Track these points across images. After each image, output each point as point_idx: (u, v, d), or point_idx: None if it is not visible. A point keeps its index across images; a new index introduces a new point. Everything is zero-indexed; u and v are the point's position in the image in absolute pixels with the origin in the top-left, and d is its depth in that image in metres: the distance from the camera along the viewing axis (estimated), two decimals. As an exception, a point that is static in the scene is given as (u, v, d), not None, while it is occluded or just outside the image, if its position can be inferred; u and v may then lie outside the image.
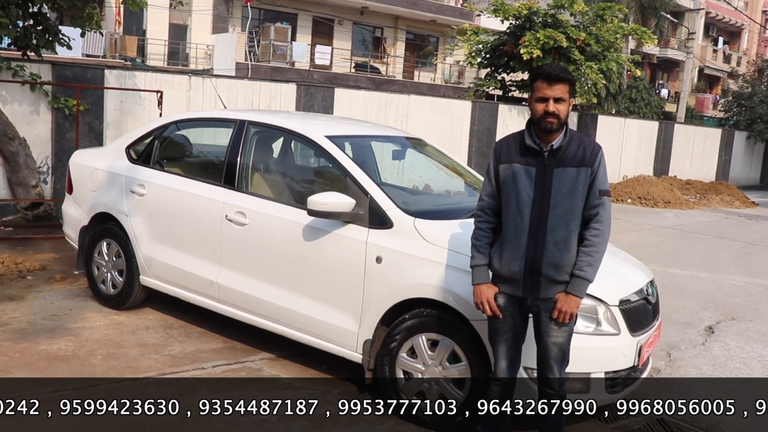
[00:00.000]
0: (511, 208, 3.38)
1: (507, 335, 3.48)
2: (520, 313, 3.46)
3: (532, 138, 3.37)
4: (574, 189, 3.32)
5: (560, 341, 3.42)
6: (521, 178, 3.35)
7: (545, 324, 3.41)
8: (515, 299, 3.43)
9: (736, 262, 10.70)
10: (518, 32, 16.40)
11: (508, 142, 3.48)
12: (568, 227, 3.33)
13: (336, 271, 4.44)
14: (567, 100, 3.31)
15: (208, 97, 11.21)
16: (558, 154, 3.34)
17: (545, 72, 3.30)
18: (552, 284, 3.37)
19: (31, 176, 9.19)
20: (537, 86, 3.32)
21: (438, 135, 14.78)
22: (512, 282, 3.41)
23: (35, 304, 5.86)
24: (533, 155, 3.36)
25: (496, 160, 3.46)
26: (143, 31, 24.75)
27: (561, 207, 3.32)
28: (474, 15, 28.08)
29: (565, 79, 3.29)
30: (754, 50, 46.73)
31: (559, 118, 3.29)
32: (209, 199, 5.13)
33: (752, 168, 27.52)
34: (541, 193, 3.33)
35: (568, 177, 3.32)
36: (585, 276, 3.35)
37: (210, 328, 5.49)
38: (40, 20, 9.04)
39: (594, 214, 3.37)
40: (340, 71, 27.33)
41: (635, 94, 31.11)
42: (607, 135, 19.49)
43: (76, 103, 9.59)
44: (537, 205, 3.33)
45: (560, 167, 3.33)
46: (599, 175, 3.36)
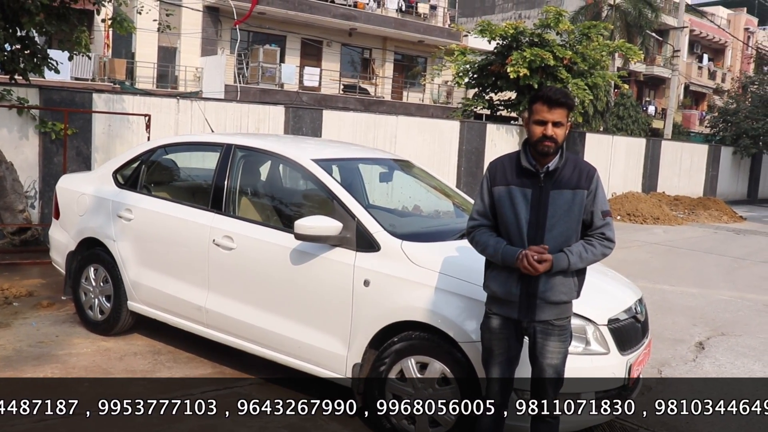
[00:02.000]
0: (509, 229, 3.37)
1: (501, 357, 3.46)
2: (515, 335, 3.44)
3: (528, 159, 3.37)
4: (570, 211, 3.33)
5: (556, 362, 3.41)
6: (518, 200, 3.35)
7: (541, 346, 3.40)
8: (510, 321, 3.41)
9: (725, 277, 10.74)
10: (505, 52, 16.52)
11: (503, 163, 3.47)
12: None
13: (324, 294, 4.42)
14: (565, 124, 3.32)
15: (196, 120, 11.21)
16: (554, 176, 3.35)
17: (546, 95, 3.30)
18: (548, 306, 3.36)
19: (18, 201, 9.13)
20: (536, 109, 3.31)
21: (427, 155, 14.82)
22: (508, 304, 3.39)
23: (21, 331, 5.81)
24: (529, 177, 3.36)
25: (491, 181, 3.44)
26: (132, 54, 24.78)
27: (557, 229, 3.32)
28: (461, 35, 28.32)
29: (565, 103, 3.30)
30: (737, 67, 47.22)
31: (557, 141, 3.30)
32: (196, 223, 5.11)
33: (739, 183, 27.71)
34: (537, 215, 3.33)
35: (564, 199, 3.33)
36: (570, 258, 3.31)
37: (199, 354, 5.45)
38: (27, 44, 9.04)
39: (600, 234, 3.40)
40: (329, 92, 27.42)
41: (622, 111, 31.32)
42: (595, 152, 19.60)
43: (63, 127, 9.57)
44: (533, 226, 3.33)
45: (556, 189, 3.34)
46: (599, 197, 3.40)
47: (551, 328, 3.39)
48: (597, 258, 3.39)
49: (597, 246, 3.38)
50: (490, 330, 3.47)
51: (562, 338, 3.44)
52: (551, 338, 3.40)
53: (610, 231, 3.41)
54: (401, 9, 30.27)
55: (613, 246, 3.44)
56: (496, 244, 3.36)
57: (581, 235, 3.41)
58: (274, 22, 26.61)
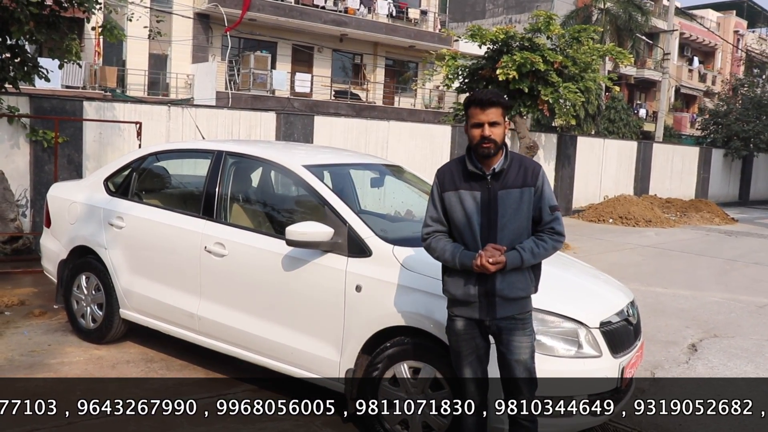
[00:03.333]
0: (463, 233, 3.43)
1: (471, 357, 3.51)
2: (480, 334, 3.50)
3: (473, 163, 3.44)
4: (519, 209, 3.39)
5: (524, 358, 3.45)
6: (468, 203, 3.41)
7: (507, 341, 3.45)
8: (473, 321, 3.47)
9: (718, 279, 10.78)
10: (496, 56, 16.53)
11: (450, 169, 3.53)
12: None
13: (316, 300, 4.42)
14: (502, 123, 3.39)
15: (187, 128, 11.20)
16: (500, 177, 3.42)
17: (477, 98, 3.37)
18: (507, 303, 3.42)
19: (10, 210, 9.11)
20: (471, 113, 3.39)
21: (419, 160, 14.84)
22: (468, 305, 3.45)
23: (13, 340, 5.78)
24: (476, 180, 3.43)
25: (440, 187, 3.50)
26: (123, 61, 24.74)
27: (508, 228, 3.39)
28: (452, 40, 28.35)
29: (498, 102, 3.36)
30: (727, 69, 47.46)
31: (496, 142, 3.36)
32: (188, 230, 5.10)
33: (730, 185, 27.83)
34: (488, 216, 3.39)
35: (513, 198, 3.39)
36: (523, 255, 3.35)
37: (191, 361, 5.44)
38: (17, 52, 9.01)
39: (550, 229, 3.45)
40: (321, 98, 27.43)
41: (614, 114, 31.43)
42: (587, 156, 19.67)
43: (54, 135, 9.55)
44: (485, 228, 3.39)
45: (504, 189, 3.40)
46: (545, 193, 3.46)
47: (514, 323, 3.44)
48: (549, 252, 3.45)
49: (548, 241, 3.43)
50: (455, 332, 3.52)
51: (527, 332, 3.48)
52: (515, 333, 3.44)
53: (559, 225, 3.47)
54: (392, 14, 30.31)
55: (563, 239, 3.49)
56: (453, 249, 3.41)
57: (532, 231, 3.47)
58: (264, 28, 26.62)
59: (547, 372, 3.73)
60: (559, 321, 3.93)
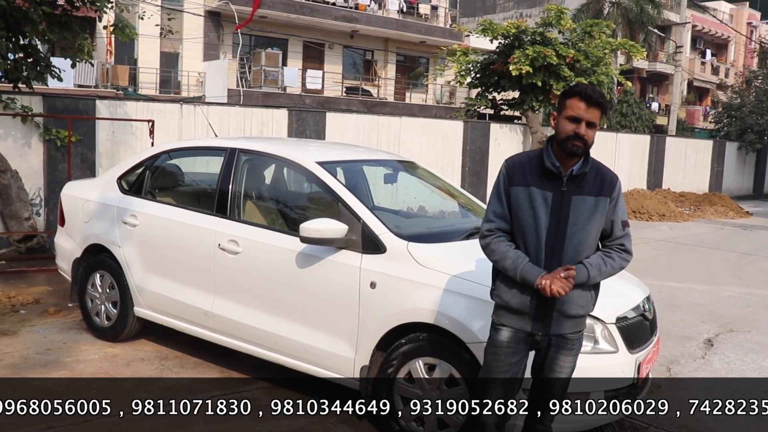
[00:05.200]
0: (527, 235, 3.15)
1: (506, 374, 3.24)
2: (524, 349, 3.25)
3: (551, 160, 3.14)
4: (591, 219, 3.13)
5: (564, 377, 3.29)
6: (538, 203, 3.12)
7: (551, 359, 3.25)
8: (522, 334, 3.21)
9: (733, 273, 10.69)
10: (507, 51, 16.49)
11: (522, 162, 3.22)
12: (581, 259, 3.17)
13: (330, 297, 4.41)
14: (596, 126, 3.12)
15: (199, 125, 11.22)
16: (577, 181, 3.13)
17: (585, 92, 3.06)
18: (565, 319, 3.20)
19: (24, 209, 9.16)
20: (572, 104, 3.08)
21: (431, 156, 14.81)
22: (521, 315, 3.19)
23: (29, 339, 5.81)
24: (551, 179, 3.13)
25: (508, 180, 3.18)
26: (135, 60, 24.83)
27: (577, 237, 3.13)
28: (463, 35, 28.27)
29: (603, 105, 3.10)
30: (741, 61, 47.08)
31: (587, 143, 3.09)
32: (202, 228, 5.11)
33: (745, 178, 27.63)
34: (557, 221, 3.11)
35: (587, 206, 3.12)
36: (590, 270, 3.12)
37: (206, 358, 5.45)
38: (30, 52, 9.06)
39: (619, 245, 3.23)
40: (332, 95, 27.43)
41: (626, 108, 31.26)
42: (600, 150, 19.56)
43: (67, 134, 9.58)
44: (552, 233, 3.12)
45: (579, 195, 3.12)
46: (620, 206, 3.21)
47: (564, 342, 3.24)
48: (615, 271, 3.22)
49: (616, 259, 3.20)
50: (496, 344, 3.25)
51: (574, 351, 3.30)
52: (563, 352, 3.26)
53: (629, 242, 3.23)
54: (402, 10, 30.28)
55: (630, 258, 3.25)
56: (516, 259, 3.11)
57: (599, 244, 3.25)
58: (275, 25, 26.64)
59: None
60: (575, 316, 3.88)
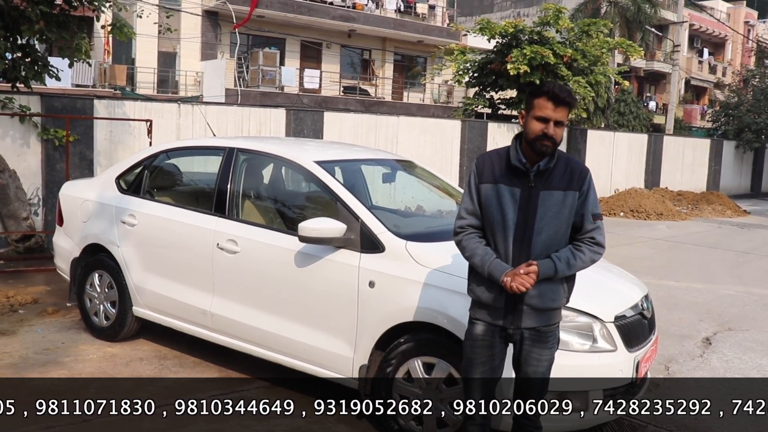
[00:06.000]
0: (495, 230, 3.20)
1: (484, 366, 3.29)
2: (500, 342, 3.28)
3: (518, 157, 3.17)
4: (560, 213, 3.15)
5: (542, 370, 3.28)
6: (506, 200, 3.16)
7: (527, 353, 3.25)
8: (495, 328, 3.25)
9: (731, 271, 10.71)
10: (505, 50, 16.51)
11: (491, 159, 3.26)
12: (551, 253, 3.18)
13: (329, 296, 4.42)
14: (565, 124, 3.15)
15: (197, 124, 11.22)
16: (544, 176, 3.16)
17: (552, 92, 3.08)
18: (535, 313, 3.21)
19: (22, 208, 9.15)
20: (540, 104, 3.10)
21: (429, 155, 14.82)
22: (493, 309, 3.23)
23: (27, 339, 5.81)
24: (518, 175, 3.17)
25: (478, 177, 3.24)
26: (132, 59, 24.82)
27: (545, 232, 3.15)
28: (461, 35, 28.30)
29: (570, 103, 3.12)
30: (738, 60, 47.15)
31: (556, 142, 3.11)
32: (200, 227, 5.11)
33: (742, 177, 27.67)
34: (525, 217, 3.15)
35: (555, 200, 3.15)
36: (558, 265, 3.14)
37: (204, 358, 5.45)
38: (28, 52, 9.06)
39: (590, 239, 3.22)
40: (330, 94, 27.43)
41: (623, 107, 31.31)
42: (597, 149, 19.59)
43: (65, 134, 9.58)
44: (520, 229, 3.15)
45: (546, 190, 3.15)
46: (590, 199, 3.21)
47: (537, 335, 3.24)
48: (586, 264, 3.23)
49: (586, 252, 3.20)
50: (473, 337, 3.30)
51: (549, 345, 3.28)
52: (537, 345, 3.25)
53: (600, 235, 3.22)
54: (400, 9, 30.29)
55: (602, 251, 3.26)
56: (484, 255, 3.18)
57: (570, 238, 3.24)
58: (273, 25, 26.64)
59: (562, 367, 3.70)
60: (573, 315, 3.90)
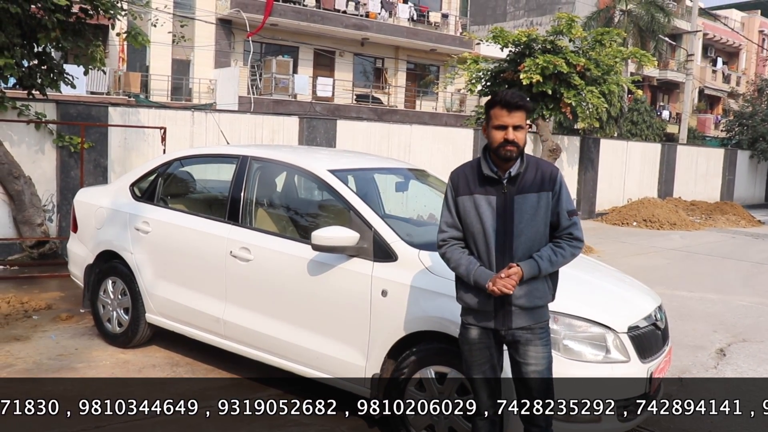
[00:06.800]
0: (476, 239, 3.33)
1: (485, 366, 3.40)
2: (495, 344, 3.39)
3: (489, 167, 3.32)
4: (536, 215, 3.29)
5: (540, 368, 3.34)
6: (483, 209, 3.30)
7: (523, 352, 3.34)
8: (488, 331, 3.36)
9: (745, 282, 10.63)
10: (518, 59, 16.48)
11: (465, 172, 3.41)
12: (533, 254, 3.29)
13: (342, 305, 4.42)
14: (524, 127, 3.28)
15: (211, 132, 11.27)
16: (517, 181, 3.30)
17: (504, 99, 3.24)
18: (524, 312, 3.31)
19: (37, 214, 9.22)
20: (495, 113, 3.27)
21: (441, 164, 14.81)
22: (483, 314, 3.34)
23: (41, 344, 5.85)
24: (492, 184, 3.32)
25: (454, 191, 3.38)
26: (146, 67, 24.98)
27: (525, 234, 3.28)
28: (473, 43, 28.30)
29: (524, 106, 3.26)
30: (752, 70, 46.92)
31: (518, 146, 3.25)
32: (213, 235, 5.13)
33: (756, 187, 27.49)
34: (504, 222, 3.28)
35: (530, 203, 3.28)
36: (540, 263, 3.26)
37: (217, 365, 5.46)
38: (44, 60, 9.13)
39: (568, 235, 3.34)
40: (342, 102, 27.48)
41: (636, 116, 31.19)
42: (610, 158, 19.52)
43: (80, 140, 9.65)
44: (501, 234, 3.28)
45: (521, 194, 3.29)
46: (563, 197, 3.34)
47: (530, 333, 3.33)
48: (567, 260, 3.35)
49: (566, 248, 3.33)
50: (468, 341, 3.41)
51: (544, 342, 3.36)
52: (532, 343, 3.33)
53: (577, 230, 3.36)
54: (413, 18, 30.33)
55: (582, 245, 3.38)
56: (468, 265, 3.31)
57: (549, 237, 3.36)
58: (286, 33, 26.75)
59: (575, 377, 3.70)
60: (586, 326, 3.89)
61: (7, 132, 9.30)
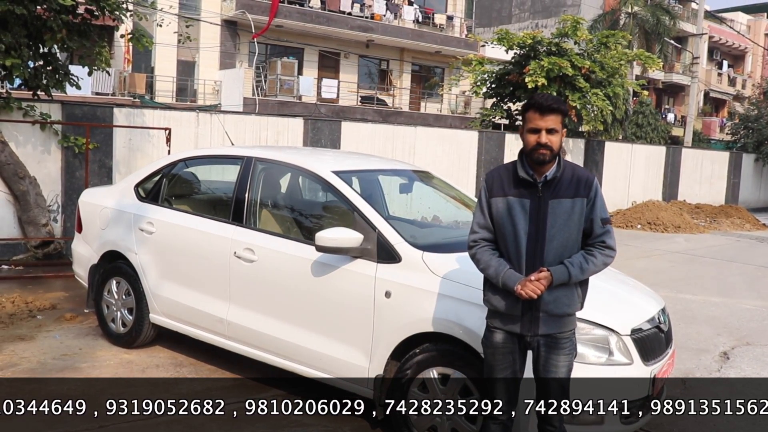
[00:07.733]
0: (507, 242, 3.31)
1: (506, 372, 3.37)
2: (519, 349, 3.37)
3: (525, 169, 3.30)
4: (569, 220, 3.26)
5: (561, 376, 3.34)
6: (516, 212, 3.28)
7: (545, 360, 3.32)
8: (514, 336, 3.34)
9: (750, 285, 10.60)
10: (523, 61, 16.51)
11: (500, 173, 3.40)
12: (564, 260, 3.27)
13: (345, 306, 4.43)
14: (560, 131, 3.25)
15: (216, 133, 11.29)
16: (552, 185, 3.28)
17: (537, 102, 3.24)
18: (551, 319, 3.29)
19: (42, 215, 9.25)
20: (529, 117, 3.26)
21: (445, 166, 14.82)
22: (510, 318, 3.32)
23: (45, 344, 5.87)
24: (527, 187, 3.30)
25: (488, 192, 3.37)
26: (151, 68, 25.03)
27: (557, 239, 3.26)
28: (479, 45, 28.31)
29: (558, 109, 3.23)
30: (758, 73, 46.82)
31: (552, 149, 3.23)
32: (218, 236, 5.14)
33: (761, 190, 27.42)
34: (536, 226, 3.26)
35: (564, 208, 3.26)
36: (571, 270, 3.23)
37: (220, 366, 5.47)
38: (50, 60, 9.17)
39: (600, 243, 3.31)
40: (347, 104, 27.51)
41: (641, 119, 31.15)
42: (615, 161, 19.50)
43: (85, 141, 9.68)
44: (533, 238, 3.26)
45: (555, 198, 3.27)
46: (597, 204, 3.31)
47: (554, 342, 3.32)
48: (598, 268, 3.32)
49: (598, 256, 3.30)
50: (492, 345, 3.39)
51: (567, 351, 3.35)
52: (555, 352, 3.32)
53: (610, 239, 3.33)
54: (418, 20, 30.35)
55: (614, 254, 3.35)
56: (497, 267, 3.29)
57: (582, 244, 3.34)
58: (291, 34, 26.80)
59: (578, 379, 3.70)
60: (590, 328, 3.89)
61: (13, 132, 9.34)
